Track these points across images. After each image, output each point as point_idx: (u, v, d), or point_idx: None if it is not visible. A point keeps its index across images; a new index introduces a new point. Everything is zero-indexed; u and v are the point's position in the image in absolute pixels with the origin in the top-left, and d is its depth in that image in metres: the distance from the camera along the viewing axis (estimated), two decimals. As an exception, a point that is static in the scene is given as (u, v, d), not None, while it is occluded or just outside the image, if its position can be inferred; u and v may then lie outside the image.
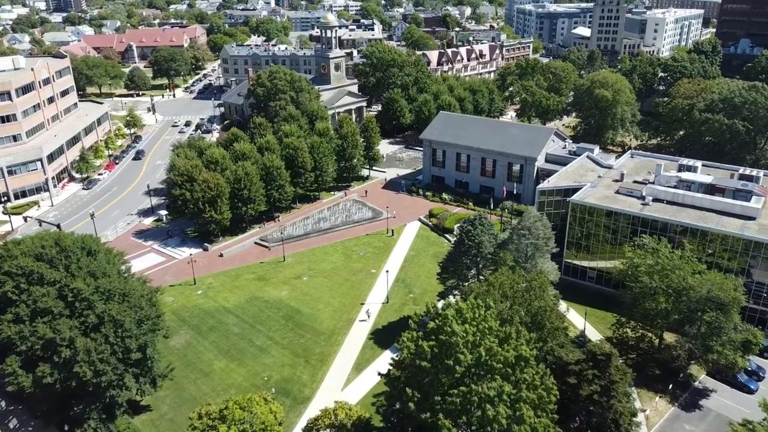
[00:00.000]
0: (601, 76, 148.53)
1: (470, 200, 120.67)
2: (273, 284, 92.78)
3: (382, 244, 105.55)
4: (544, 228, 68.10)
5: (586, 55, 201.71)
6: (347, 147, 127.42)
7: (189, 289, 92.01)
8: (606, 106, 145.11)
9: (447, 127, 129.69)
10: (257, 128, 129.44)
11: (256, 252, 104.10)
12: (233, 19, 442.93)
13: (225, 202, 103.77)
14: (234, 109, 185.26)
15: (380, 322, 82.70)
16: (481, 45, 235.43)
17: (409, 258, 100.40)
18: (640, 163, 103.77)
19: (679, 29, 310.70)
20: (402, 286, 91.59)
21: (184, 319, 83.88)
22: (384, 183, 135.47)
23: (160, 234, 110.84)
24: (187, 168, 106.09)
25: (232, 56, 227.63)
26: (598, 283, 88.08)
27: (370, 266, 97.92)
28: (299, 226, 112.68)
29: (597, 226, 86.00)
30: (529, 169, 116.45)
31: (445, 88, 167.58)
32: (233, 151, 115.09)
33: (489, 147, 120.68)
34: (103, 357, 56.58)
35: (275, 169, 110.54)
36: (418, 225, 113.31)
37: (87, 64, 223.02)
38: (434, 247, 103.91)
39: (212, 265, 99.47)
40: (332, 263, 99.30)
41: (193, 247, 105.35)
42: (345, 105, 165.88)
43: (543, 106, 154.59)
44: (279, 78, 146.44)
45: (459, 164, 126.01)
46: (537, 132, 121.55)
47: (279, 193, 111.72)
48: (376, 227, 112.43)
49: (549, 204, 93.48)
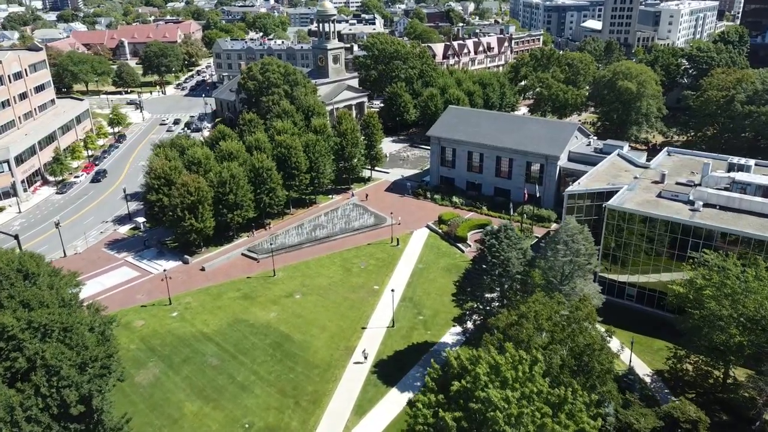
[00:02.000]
0: (625, 66, 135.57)
1: (484, 204, 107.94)
2: (260, 304, 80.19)
3: (386, 256, 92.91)
4: (586, 242, 55.42)
5: (602, 46, 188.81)
6: (346, 145, 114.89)
7: (163, 310, 79.47)
8: (630, 100, 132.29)
9: (457, 122, 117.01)
10: (247, 125, 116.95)
11: (243, 265, 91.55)
12: (231, 15, 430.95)
13: (208, 209, 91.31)
14: (226, 105, 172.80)
15: (385, 351, 70.06)
16: (489, 37, 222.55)
17: (417, 272, 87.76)
18: (681, 162, 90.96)
19: (693, 21, 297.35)
20: (410, 306, 78.93)
21: (154, 349, 71.30)
22: (387, 185, 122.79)
23: (136, 244, 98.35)
24: (164, 170, 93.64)
25: (225, 50, 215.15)
26: (638, 302, 75.28)
27: (373, 281, 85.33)
28: (292, 234, 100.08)
29: (638, 235, 73.26)
30: (550, 169, 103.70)
31: (453, 81, 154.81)
32: (219, 150, 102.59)
33: (505, 144, 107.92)
34: (31, 415, 44.05)
35: (265, 170, 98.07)
36: (427, 233, 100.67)
37: (72, 60, 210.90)
38: (445, 259, 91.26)
39: (192, 280, 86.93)
40: (329, 278, 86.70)
41: (171, 259, 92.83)
42: (344, 100, 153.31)
43: (560, 100, 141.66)
44: (272, 71, 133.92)
45: (471, 164, 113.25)
46: (559, 128, 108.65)
47: (270, 198, 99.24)
48: (378, 235, 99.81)
49: (579, 209, 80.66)
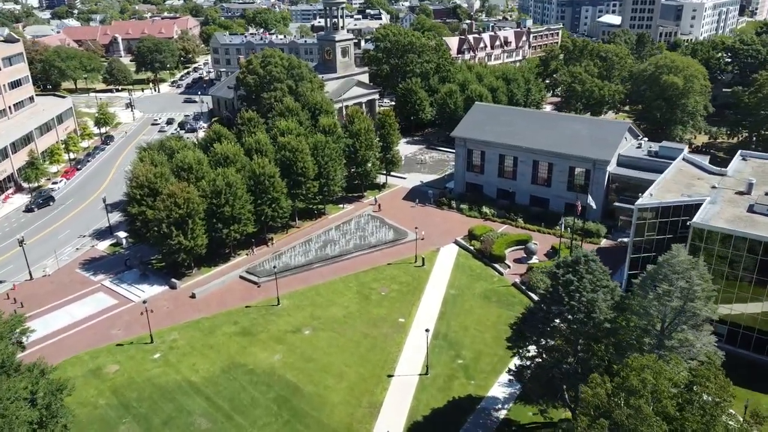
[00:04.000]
0: (669, 59, 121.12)
1: (519, 215, 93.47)
2: (261, 342, 65.75)
3: (411, 279, 78.46)
4: (702, 280, 41.00)
5: (634, 39, 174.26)
6: (359, 148, 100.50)
7: (143, 350, 65.04)
8: (675, 97, 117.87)
9: (486, 121, 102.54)
10: (246, 125, 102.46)
11: (241, 290, 77.09)
12: (230, 12, 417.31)
13: (199, 223, 76.94)
14: (224, 103, 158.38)
15: (419, 408, 55.64)
16: (506, 31, 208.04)
17: (450, 300, 73.29)
18: (761, 168, 76.48)
19: (716, 16, 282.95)
20: (444, 346, 64.44)
21: (129, 404, 56.82)
22: (404, 192, 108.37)
23: (116, 264, 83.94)
24: (148, 177, 79.24)
25: (224, 45, 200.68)
26: (729, 343, 60.64)
27: (397, 312, 70.86)
28: (299, 252, 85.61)
29: (732, 260, 58.92)
30: (598, 175, 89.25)
31: (473, 76, 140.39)
32: (213, 154, 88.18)
33: (544, 146, 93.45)
34: None
35: (267, 177, 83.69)
36: (456, 250, 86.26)
37: (59, 56, 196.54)
38: (481, 283, 76.80)
39: (179, 310, 72.48)
40: (344, 307, 72.23)
41: (156, 283, 78.44)
42: (354, 97, 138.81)
43: (595, 97, 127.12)
44: (274, 64, 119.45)
45: (503, 168, 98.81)
46: (607, 127, 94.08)
47: (272, 209, 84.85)
48: (400, 253, 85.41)
49: (650, 227, 66.24)
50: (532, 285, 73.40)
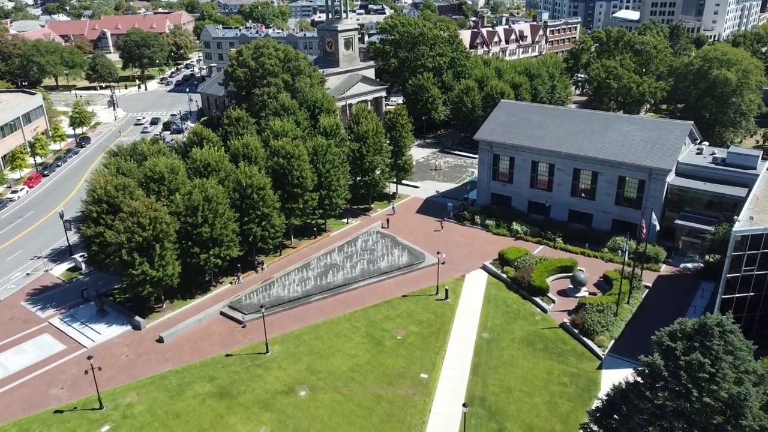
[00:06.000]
0: (720, 51, 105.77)
1: (558, 234, 78.25)
2: (243, 408, 50.53)
3: (432, 316, 63.27)
4: None
5: (667, 31, 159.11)
6: (366, 152, 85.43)
7: (87, 420, 49.81)
8: (726, 94, 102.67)
9: (515, 122, 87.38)
10: (234, 125, 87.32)
11: (221, 331, 61.88)
12: (227, 9, 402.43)
13: (170, 248, 61.83)
14: (214, 102, 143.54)
15: None
16: (521, 25, 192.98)
17: (484, 347, 58.09)
18: None
19: (739, 11, 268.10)
20: (483, 416, 49.17)
21: (58, 508, 41.68)
22: (418, 204, 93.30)
23: (71, 295, 68.83)
24: (107, 190, 64.05)
25: (216, 38, 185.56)
26: None
27: (417, 364, 55.69)
28: (294, 280, 70.40)
29: None
30: (654, 186, 74.00)
31: (492, 72, 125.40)
32: (192, 161, 72.96)
33: (587, 152, 78.21)
34: None
35: (256, 189, 68.57)
36: (484, 278, 71.08)
37: (39, 50, 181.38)
38: (521, 324, 61.60)
39: (142, 360, 57.30)
40: (350, 357, 57.05)
41: (116, 322, 63.27)
42: (359, 94, 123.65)
43: (633, 94, 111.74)
44: (268, 55, 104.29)
45: (536, 178, 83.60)
46: (665, 129, 78.64)
47: (262, 228, 69.72)
48: (416, 281, 70.28)
49: (749, 260, 51.10)
50: (587, 329, 58.38)
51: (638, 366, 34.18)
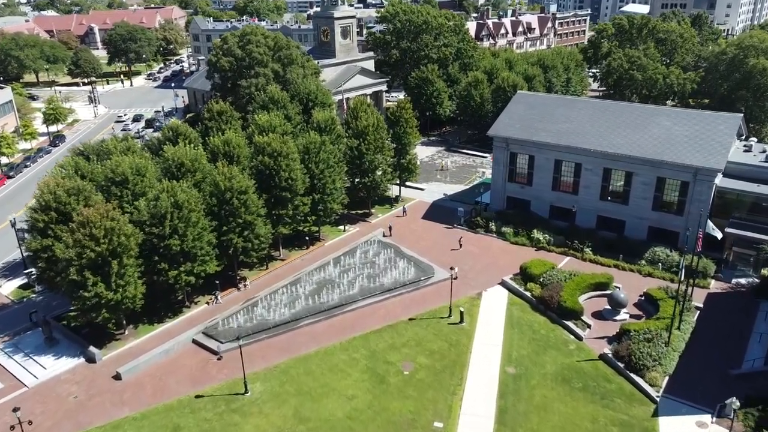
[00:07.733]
0: (757, 38, 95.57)
1: (586, 244, 67.95)
2: (213, 471, 40.23)
3: (445, 345, 52.96)
4: None
5: (689, 20, 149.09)
6: (366, 151, 75.13)
7: (14, 488, 39.45)
8: (765, 86, 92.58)
9: (534, 116, 77.10)
10: (215, 120, 76.99)
11: (192, 365, 51.47)
12: (222, 5, 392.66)
13: (131, 264, 51.47)
14: (200, 97, 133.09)
15: None
16: (529, 17, 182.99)
17: (510, 385, 47.73)
18: None
19: (752, 5, 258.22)
20: (516, 483, 38.90)
21: None
22: (424, 208, 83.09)
23: (18, 319, 58.43)
24: (56, 195, 53.64)
25: (205, 31, 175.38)
26: None
27: (430, 409, 45.32)
28: (281, 300, 60.03)
29: None
30: (701, 189, 63.75)
31: (502, 63, 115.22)
32: (164, 160, 62.59)
33: (621, 150, 67.94)
34: None
35: (237, 193, 58.23)
36: (504, 296, 60.82)
37: (17, 44, 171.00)
38: (553, 354, 51.25)
39: (93, 403, 46.87)
40: (348, 399, 46.67)
41: (66, 353, 52.88)
42: (357, 88, 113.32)
43: (658, 86, 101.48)
44: (255, 43, 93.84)
45: (559, 179, 73.26)
46: (711, 123, 68.31)
47: (244, 239, 59.35)
48: (425, 300, 60.03)
49: None
50: (635, 362, 48.06)
51: (703, 410, 23.99)
